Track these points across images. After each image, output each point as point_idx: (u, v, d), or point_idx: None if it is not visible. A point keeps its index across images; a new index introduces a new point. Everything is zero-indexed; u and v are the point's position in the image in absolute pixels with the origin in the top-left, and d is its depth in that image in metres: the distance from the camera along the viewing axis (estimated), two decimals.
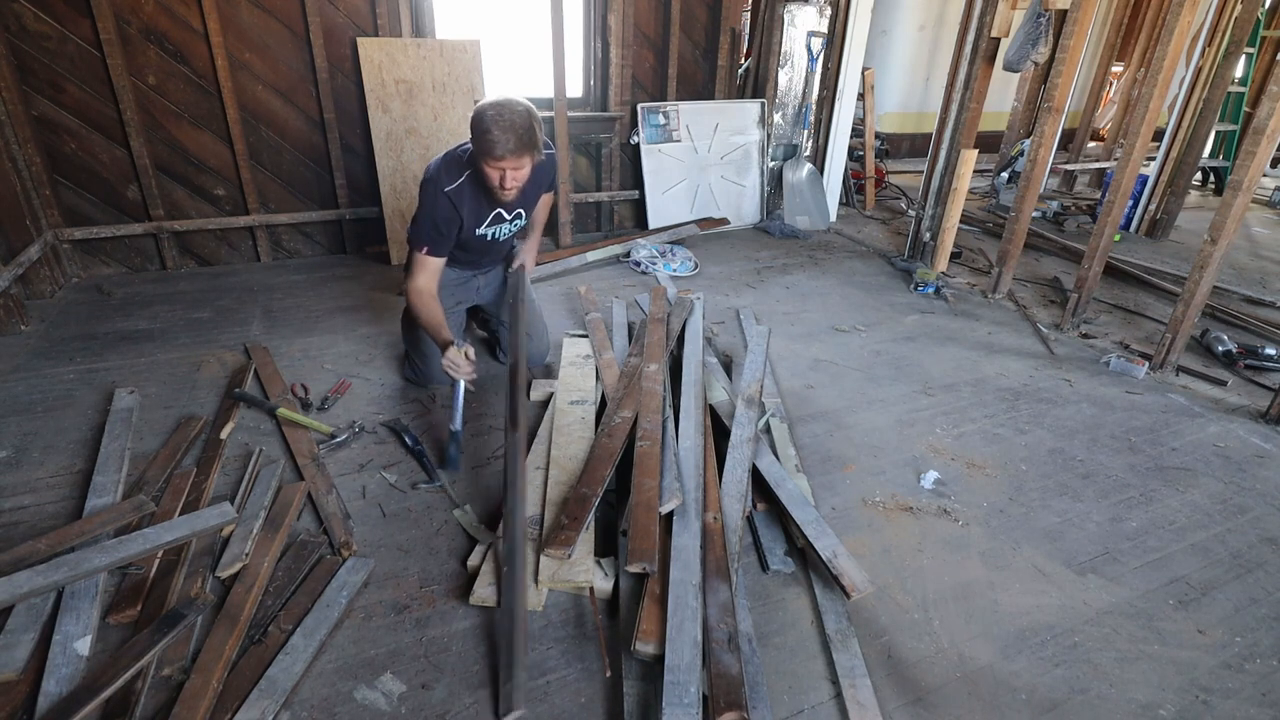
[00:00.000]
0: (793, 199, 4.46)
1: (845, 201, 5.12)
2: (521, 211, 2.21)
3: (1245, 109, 5.43)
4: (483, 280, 2.40)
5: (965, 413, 2.42)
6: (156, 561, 1.54)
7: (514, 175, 1.91)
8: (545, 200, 2.43)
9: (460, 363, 1.97)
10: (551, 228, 3.96)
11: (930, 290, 3.50)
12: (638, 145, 4.03)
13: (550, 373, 2.48)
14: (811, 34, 4.19)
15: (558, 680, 1.37)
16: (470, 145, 1.95)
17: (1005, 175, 5.28)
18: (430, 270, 2.06)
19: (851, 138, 4.69)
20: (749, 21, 4.75)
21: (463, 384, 2.01)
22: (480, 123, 1.83)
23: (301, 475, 1.87)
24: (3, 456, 1.93)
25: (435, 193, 1.98)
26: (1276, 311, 3.50)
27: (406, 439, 2.05)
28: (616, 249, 3.72)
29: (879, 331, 3.05)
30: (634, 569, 1.49)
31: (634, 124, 4.01)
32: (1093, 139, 7.38)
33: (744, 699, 1.23)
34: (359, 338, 2.73)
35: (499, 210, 2.13)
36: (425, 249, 2.03)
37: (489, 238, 2.18)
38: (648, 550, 1.50)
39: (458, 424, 2.00)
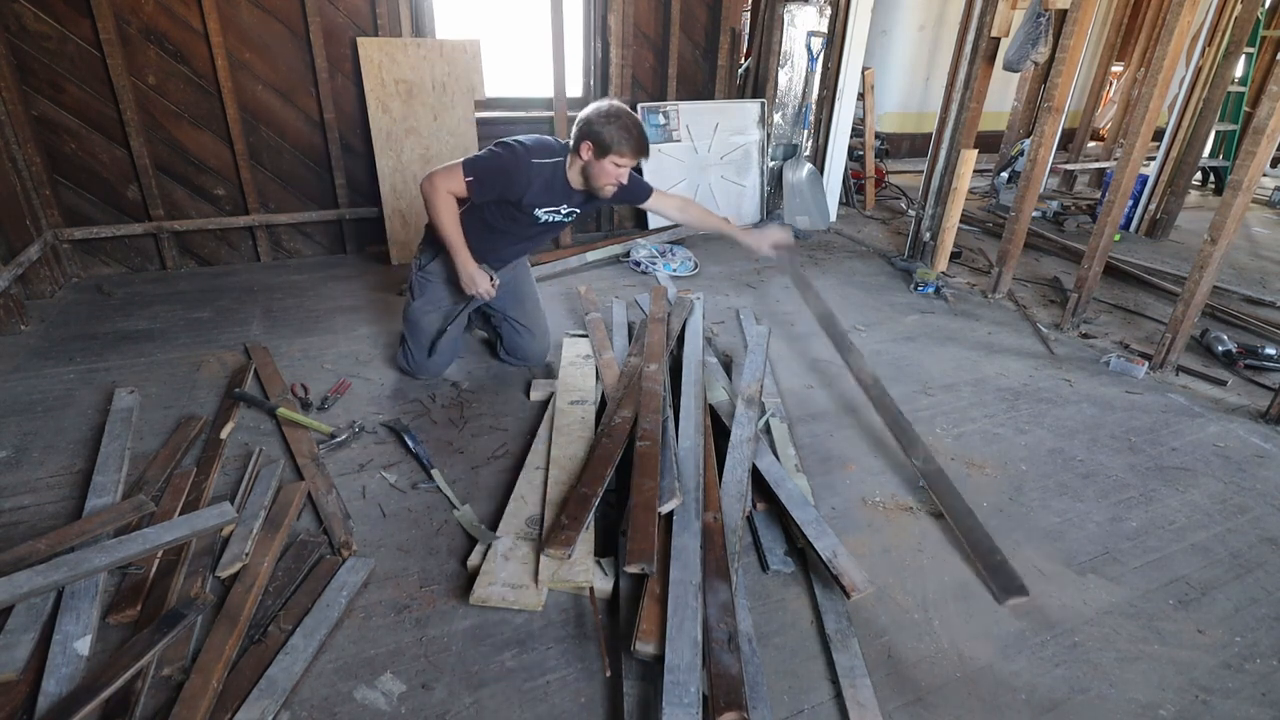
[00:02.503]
0: (793, 199, 4.46)
1: (845, 201, 5.12)
2: (577, 210, 2.26)
3: (1245, 109, 5.42)
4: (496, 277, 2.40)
5: (965, 412, 2.42)
6: (156, 561, 1.54)
7: (620, 175, 2.07)
8: (694, 209, 2.48)
9: (488, 288, 2.19)
10: None
11: (930, 290, 3.50)
12: None
13: (550, 372, 2.48)
14: (811, 34, 4.19)
15: (558, 680, 1.37)
16: (567, 141, 2.11)
17: (1005, 175, 5.27)
18: (456, 191, 2.06)
19: (851, 138, 4.68)
20: (749, 21, 4.75)
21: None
22: (616, 121, 1.98)
23: (301, 475, 1.87)
24: (3, 456, 1.93)
25: (523, 156, 2.07)
26: (1276, 311, 3.49)
27: (406, 439, 2.05)
28: (616, 249, 3.72)
29: (879, 331, 3.04)
30: (632, 569, 1.49)
31: None
32: (1093, 139, 7.38)
33: (744, 699, 1.23)
34: (359, 338, 2.73)
35: (565, 203, 2.20)
36: (471, 179, 2.05)
37: (540, 221, 2.21)
38: (646, 551, 1.50)
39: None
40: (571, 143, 2.07)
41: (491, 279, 2.20)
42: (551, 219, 2.22)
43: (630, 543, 1.53)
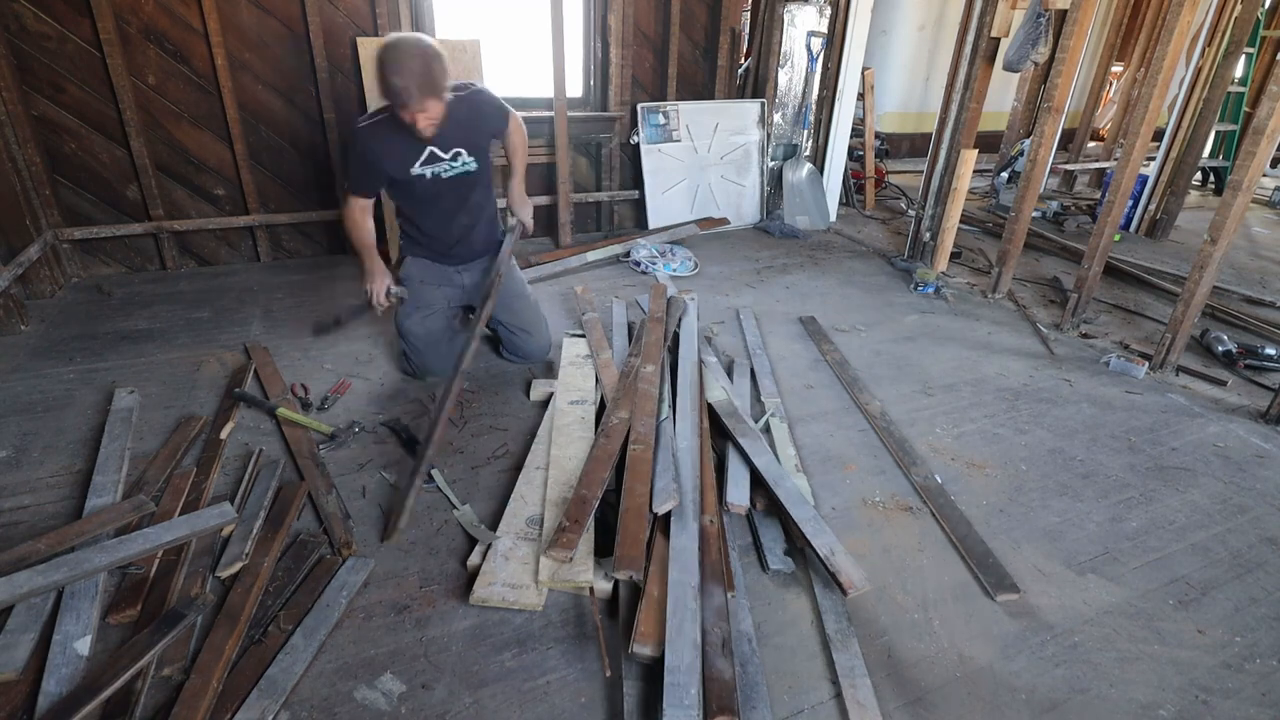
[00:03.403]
0: (793, 199, 4.46)
1: (845, 201, 5.12)
2: (461, 151, 2.16)
3: (1245, 109, 5.42)
4: (466, 276, 2.39)
5: (965, 412, 2.42)
6: (156, 561, 1.54)
7: (425, 118, 1.94)
8: (517, 137, 2.34)
9: (381, 296, 2.21)
10: (551, 227, 3.96)
11: (930, 290, 3.50)
12: (637, 145, 4.03)
13: (551, 372, 2.48)
14: (811, 34, 4.19)
15: (558, 680, 1.37)
16: None
17: (1005, 175, 5.28)
18: (359, 207, 2.18)
19: (851, 138, 4.68)
20: (749, 21, 4.75)
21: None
22: (379, 71, 1.86)
23: (301, 475, 1.87)
24: (3, 456, 1.93)
25: (358, 132, 2.09)
26: (1276, 311, 3.49)
27: (406, 439, 2.05)
28: (616, 249, 3.72)
29: (879, 331, 3.04)
30: (620, 577, 1.49)
31: (634, 124, 4.01)
32: (1093, 139, 7.38)
33: (736, 704, 1.23)
34: (359, 338, 2.73)
35: (431, 149, 2.11)
36: (348, 187, 2.19)
37: (428, 176, 2.15)
38: (635, 558, 1.50)
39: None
40: None
41: (388, 291, 2.22)
42: (443, 172, 2.15)
43: (619, 549, 1.53)
